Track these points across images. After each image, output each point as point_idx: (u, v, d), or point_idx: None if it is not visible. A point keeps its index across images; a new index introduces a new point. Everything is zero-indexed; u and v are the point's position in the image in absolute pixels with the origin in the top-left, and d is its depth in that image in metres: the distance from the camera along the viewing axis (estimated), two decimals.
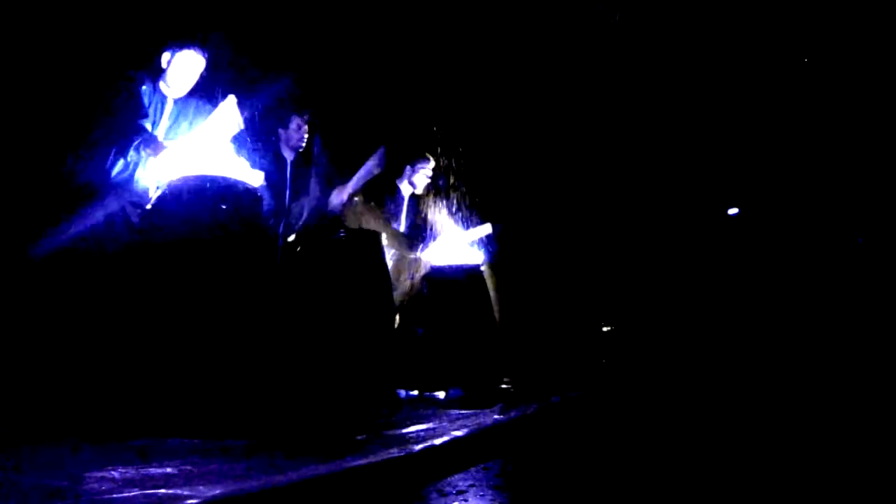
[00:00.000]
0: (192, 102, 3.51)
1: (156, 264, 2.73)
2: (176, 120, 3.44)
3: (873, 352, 6.87)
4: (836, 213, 8.40)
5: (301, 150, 4.32)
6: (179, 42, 3.35)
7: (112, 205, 3.16)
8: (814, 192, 8.53)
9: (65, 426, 2.40)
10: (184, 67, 3.36)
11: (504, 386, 4.69)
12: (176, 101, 3.45)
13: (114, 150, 3.19)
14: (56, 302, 3.03)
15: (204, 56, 3.40)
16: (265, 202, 3.83)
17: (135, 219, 3.17)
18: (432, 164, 4.97)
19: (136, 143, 3.18)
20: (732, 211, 9.43)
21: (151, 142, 3.20)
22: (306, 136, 4.29)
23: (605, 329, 7.53)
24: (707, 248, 9.03)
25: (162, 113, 3.40)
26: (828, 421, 3.57)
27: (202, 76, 3.48)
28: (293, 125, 4.24)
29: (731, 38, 8.09)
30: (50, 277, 3.09)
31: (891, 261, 7.88)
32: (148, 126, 3.32)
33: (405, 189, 4.94)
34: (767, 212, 9.02)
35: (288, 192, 4.17)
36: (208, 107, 3.51)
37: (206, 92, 3.58)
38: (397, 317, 4.48)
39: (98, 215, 3.12)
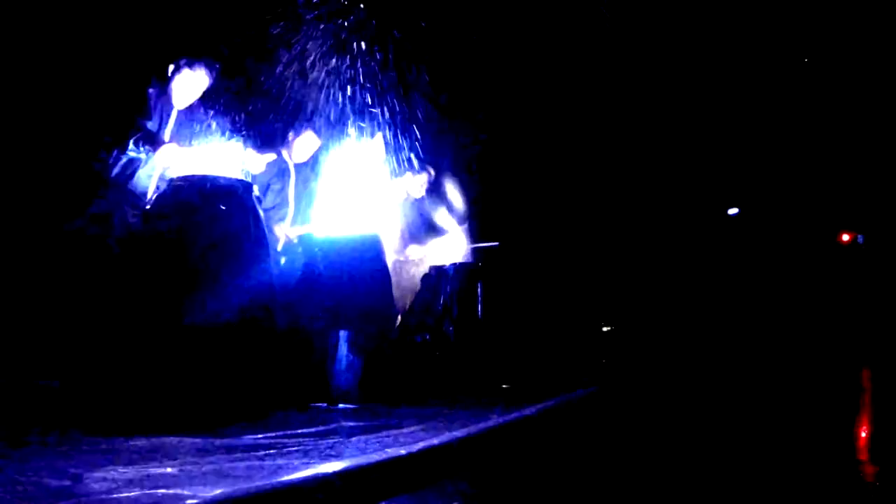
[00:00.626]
0: (198, 112, 3.57)
1: (154, 261, 2.73)
2: (180, 127, 3.48)
3: (871, 349, 6.86)
4: (836, 212, 8.39)
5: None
6: (188, 59, 3.40)
7: (112, 202, 3.19)
8: (813, 191, 8.53)
9: (66, 425, 2.40)
10: (188, 82, 3.41)
11: (504, 386, 4.69)
12: (181, 111, 3.49)
13: (115, 148, 3.22)
14: (55, 297, 3.04)
15: (209, 73, 3.45)
16: (270, 202, 3.89)
17: (131, 218, 3.19)
18: (432, 176, 5.00)
19: (135, 138, 3.21)
20: (732, 211, 9.42)
21: (151, 138, 3.23)
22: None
23: (605, 329, 7.53)
24: (707, 248, 9.02)
25: (168, 118, 3.44)
26: (826, 420, 3.57)
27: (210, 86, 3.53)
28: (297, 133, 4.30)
29: (731, 38, 8.09)
30: (49, 273, 3.10)
31: (891, 260, 7.88)
32: (153, 127, 3.36)
33: (400, 190, 4.95)
34: (767, 212, 9.01)
35: (294, 191, 4.21)
36: (210, 115, 3.57)
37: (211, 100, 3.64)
38: (398, 317, 4.48)
39: (100, 212, 3.14)
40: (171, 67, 3.41)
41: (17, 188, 3.43)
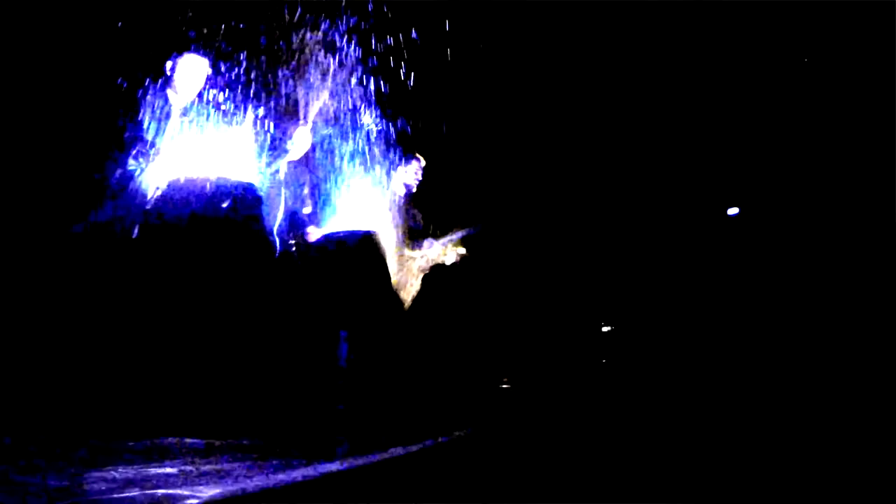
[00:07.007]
0: (199, 106, 3.54)
1: (155, 263, 2.74)
2: (183, 124, 3.47)
3: (871, 352, 6.86)
4: (835, 211, 8.40)
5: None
6: (181, 48, 3.38)
7: (111, 210, 3.17)
8: (813, 191, 8.53)
9: (66, 426, 2.40)
10: (187, 73, 3.39)
11: (504, 386, 4.69)
12: (184, 107, 3.47)
13: (111, 159, 3.20)
14: (57, 303, 3.04)
15: (207, 60, 3.43)
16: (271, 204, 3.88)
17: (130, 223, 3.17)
18: (423, 163, 4.97)
19: (133, 152, 3.19)
20: (732, 211, 9.42)
21: (146, 146, 3.22)
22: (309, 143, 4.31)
23: (605, 329, 7.53)
24: (707, 248, 9.02)
25: (168, 119, 3.42)
26: (827, 422, 3.56)
27: (208, 79, 3.51)
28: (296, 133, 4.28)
29: (731, 38, 8.09)
30: (52, 279, 3.09)
31: (890, 260, 7.89)
32: (150, 135, 3.34)
33: (397, 188, 4.95)
34: (767, 212, 9.02)
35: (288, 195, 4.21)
36: (214, 111, 3.55)
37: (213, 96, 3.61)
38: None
39: (99, 219, 3.13)
40: (169, 63, 3.40)
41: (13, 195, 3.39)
